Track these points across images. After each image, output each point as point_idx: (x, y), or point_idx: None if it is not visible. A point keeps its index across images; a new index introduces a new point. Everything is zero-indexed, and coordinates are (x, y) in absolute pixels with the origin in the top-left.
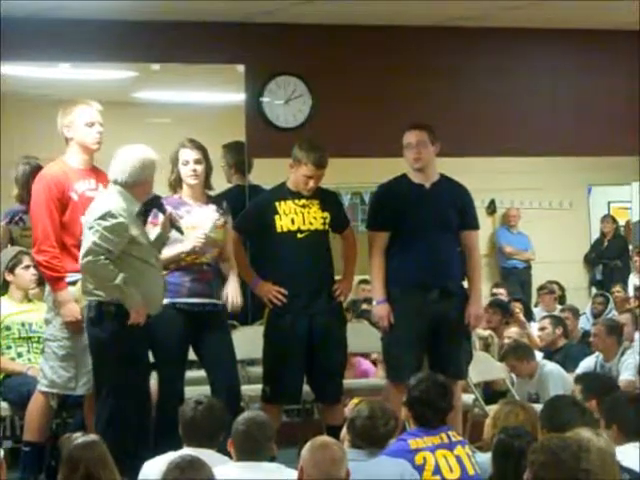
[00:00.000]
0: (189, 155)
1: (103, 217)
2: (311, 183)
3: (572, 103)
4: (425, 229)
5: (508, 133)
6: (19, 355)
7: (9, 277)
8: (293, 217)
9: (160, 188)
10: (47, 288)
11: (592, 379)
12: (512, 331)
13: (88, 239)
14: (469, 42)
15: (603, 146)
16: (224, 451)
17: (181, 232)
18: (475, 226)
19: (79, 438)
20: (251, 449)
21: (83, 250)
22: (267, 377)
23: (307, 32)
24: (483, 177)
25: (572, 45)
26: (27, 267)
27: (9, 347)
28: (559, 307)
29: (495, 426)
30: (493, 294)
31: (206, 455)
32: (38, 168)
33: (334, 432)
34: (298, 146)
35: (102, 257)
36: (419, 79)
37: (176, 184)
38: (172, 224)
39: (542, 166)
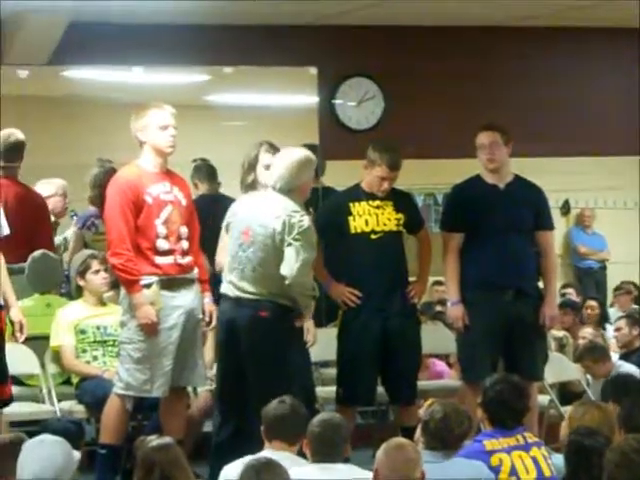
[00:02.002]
0: (271, 160)
1: (307, 231)
2: (385, 184)
3: None
4: (499, 230)
5: (582, 133)
6: (94, 358)
7: (81, 282)
8: (367, 218)
9: (229, 190)
10: (122, 291)
11: None
12: (586, 331)
13: (297, 251)
14: (543, 43)
15: None
16: (299, 452)
17: None
18: (550, 226)
19: (154, 440)
20: (326, 450)
21: (299, 262)
22: (341, 379)
23: (379, 34)
24: (557, 177)
25: None
26: (97, 272)
27: (84, 351)
28: (635, 307)
29: (571, 427)
30: (562, 294)
31: (282, 457)
32: (112, 171)
33: (408, 433)
34: (372, 147)
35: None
36: (491, 79)
37: (252, 187)
38: None
39: (616, 166)
